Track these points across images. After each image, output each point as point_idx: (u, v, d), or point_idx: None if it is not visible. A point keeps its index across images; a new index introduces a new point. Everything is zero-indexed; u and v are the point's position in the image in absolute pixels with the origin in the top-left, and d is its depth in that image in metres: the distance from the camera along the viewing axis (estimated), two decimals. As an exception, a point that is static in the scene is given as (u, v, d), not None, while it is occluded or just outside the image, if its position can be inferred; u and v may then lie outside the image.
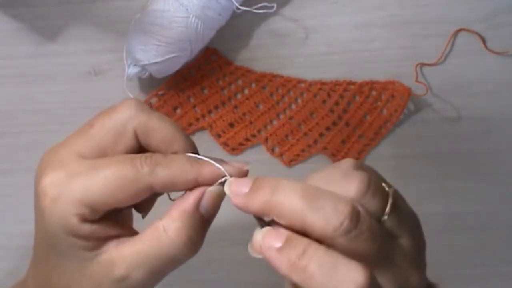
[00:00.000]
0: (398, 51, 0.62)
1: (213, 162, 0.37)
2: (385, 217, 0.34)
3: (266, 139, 0.63)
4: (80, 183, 0.35)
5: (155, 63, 0.58)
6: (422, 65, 0.62)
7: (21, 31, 0.64)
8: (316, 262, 0.32)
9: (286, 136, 0.63)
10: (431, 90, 0.62)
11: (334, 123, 0.62)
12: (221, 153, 0.63)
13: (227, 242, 0.61)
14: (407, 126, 0.62)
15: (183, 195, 0.37)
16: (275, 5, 0.59)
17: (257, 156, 0.63)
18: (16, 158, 0.64)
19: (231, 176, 0.37)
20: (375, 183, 0.35)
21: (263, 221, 0.35)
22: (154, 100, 0.63)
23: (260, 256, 0.34)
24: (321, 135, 0.62)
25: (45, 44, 0.64)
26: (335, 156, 0.62)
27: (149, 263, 0.36)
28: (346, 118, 0.62)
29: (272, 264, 0.33)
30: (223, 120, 0.63)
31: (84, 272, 0.36)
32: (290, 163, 0.63)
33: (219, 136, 0.63)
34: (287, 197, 0.33)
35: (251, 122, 0.63)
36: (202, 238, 0.37)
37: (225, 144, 0.63)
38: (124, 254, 0.36)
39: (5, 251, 0.62)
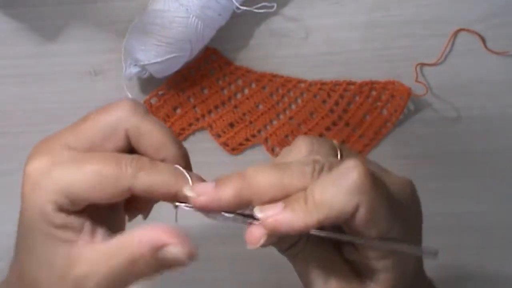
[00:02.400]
0: (398, 51, 0.62)
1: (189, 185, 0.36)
2: None
3: (266, 139, 0.63)
4: (61, 172, 0.35)
5: (155, 63, 0.58)
6: (422, 65, 0.62)
7: (21, 31, 0.64)
8: None
9: (286, 136, 0.63)
10: (431, 90, 0.62)
11: (334, 123, 0.62)
12: (221, 153, 0.63)
13: (225, 240, 0.61)
14: (407, 126, 0.62)
15: (157, 227, 0.35)
16: (275, 5, 0.59)
17: (257, 156, 0.63)
18: (16, 158, 0.63)
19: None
20: None
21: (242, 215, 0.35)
22: (154, 100, 0.63)
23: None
24: (321, 135, 0.62)
25: (45, 44, 0.64)
26: (335, 156, 0.62)
27: (112, 269, 0.35)
28: (346, 118, 0.62)
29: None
30: (223, 120, 0.63)
31: (53, 263, 0.35)
32: (290, 163, 0.63)
33: (219, 136, 0.63)
34: (261, 174, 0.35)
35: (251, 122, 0.63)
36: (157, 272, 0.36)
37: (225, 144, 0.63)
38: (91, 253, 0.35)
39: (6, 251, 0.62)
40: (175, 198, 0.36)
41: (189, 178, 0.36)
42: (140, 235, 0.35)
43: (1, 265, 0.53)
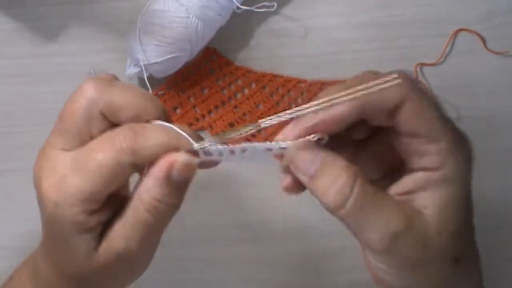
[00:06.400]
0: (398, 51, 0.62)
1: (186, 135, 0.37)
2: None
3: (266, 139, 0.63)
4: (73, 183, 0.35)
5: (155, 63, 0.58)
6: (422, 65, 0.62)
7: (21, 31, 0.64)
8: None
9: (286, 136, 0.62)
10: (431, 90, 0.62)
11: (334, 123, 0.62)
12: (221, 153, 0.63)
13: (227, 241, 0.61)
14: (407, 126, 0.62)
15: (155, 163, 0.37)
16: (275, 5, 0.59)
17: (257, 156, 0.63)
18: (16, 158, 0.64)
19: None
20: None
21: None
22: (154, 100, 0.63)
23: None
24: (321, 135, 0.62)
25: (45, 44, 0.64)
26: (335, 156, 0.62)
27: (136, 233, 0.36)
28: (346, 118, 0.62)
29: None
30: (223, 120, 0.63)
31: (92, 258, 0.37)
32: (290, 163, 0.63)
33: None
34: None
35: (251, 122, 0.63)
36: (180, 199, 0.37)
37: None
38: (116, 230, 0.37)
39: (6, 251, 0.62)
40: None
41: (184, 133, 0.37)
42: (141, 186, 0.36)
43: (0, 265, 0.52)
